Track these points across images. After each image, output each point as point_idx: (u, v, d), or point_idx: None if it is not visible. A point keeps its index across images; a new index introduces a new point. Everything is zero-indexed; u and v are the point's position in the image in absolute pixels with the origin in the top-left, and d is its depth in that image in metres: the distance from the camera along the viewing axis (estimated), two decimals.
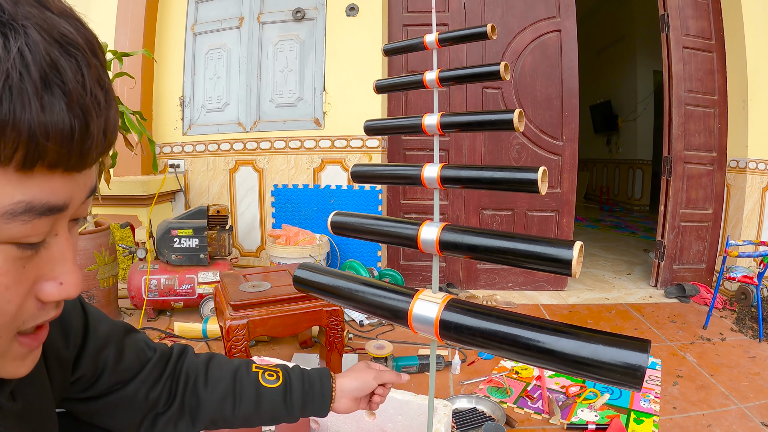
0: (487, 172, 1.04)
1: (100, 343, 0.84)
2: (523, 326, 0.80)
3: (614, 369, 0.70)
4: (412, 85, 1.42)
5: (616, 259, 5.26)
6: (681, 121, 3.97)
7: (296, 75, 3.95)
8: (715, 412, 2.20)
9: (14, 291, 0.47)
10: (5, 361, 0.52)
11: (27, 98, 0.40)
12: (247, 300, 2.07)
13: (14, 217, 0.43)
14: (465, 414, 2.11)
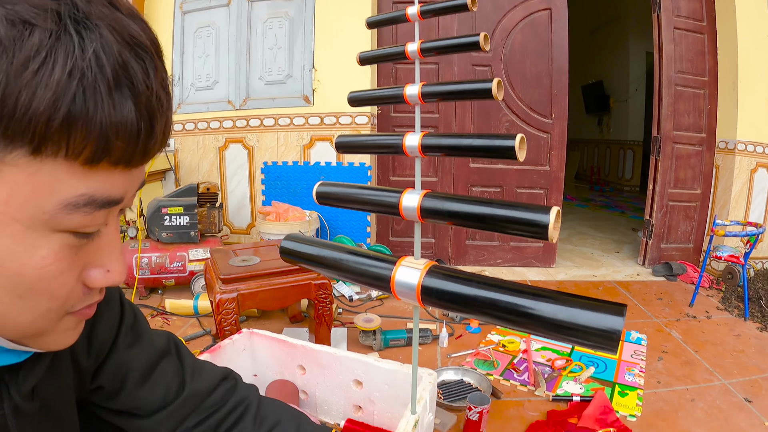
0: (466, 140, 1.06)
1: (123, 363, 0.82)
2: (502, 291, 0.81)
3: (591, 332, 0.71)
4: (394, 57, 1.45)
5: (605, 237, 5.30)
6: (671, 101, 3.99)
7: (285, 52, 3.93)
8: (698, 387, 2.23)
9: (67, 276, 0.50)
10: (56, 334, 0.54)
11: (100, 97, 0.42)
12: (236, 274, 2.09)
13: (77, 209, 0.46)
14: (452, 385, 2.14)
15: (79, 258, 0.51)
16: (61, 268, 0.48)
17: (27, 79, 0.38)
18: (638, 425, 1.93)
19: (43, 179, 0.43)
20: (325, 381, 1.75)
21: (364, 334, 2.48)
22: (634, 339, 2.71)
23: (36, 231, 0.45)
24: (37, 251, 0.46)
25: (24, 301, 0.48)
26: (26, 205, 0.43)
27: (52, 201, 0.44)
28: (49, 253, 0.47)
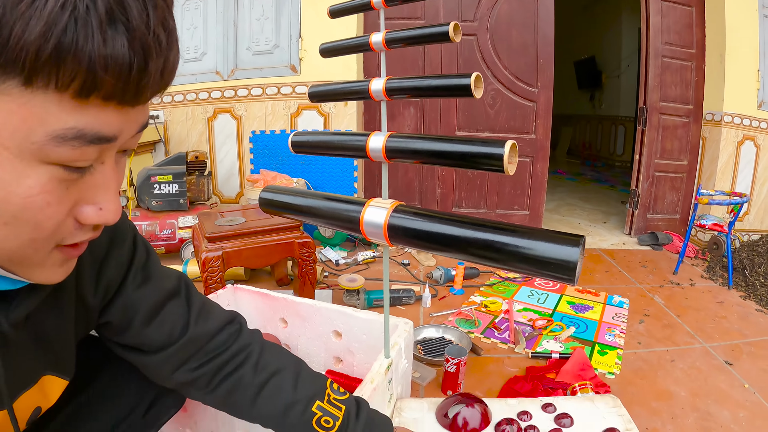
0: (426, 81, 1.06)
1: (131, 302, 0.84)
2: (465, 226, 0.85)
3: (549, 262, 0.74)
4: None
5: (593, 209, 5.35)
6: (657, 72, 4.01)
7: (272, 23, 3.94)
8: (679, 349, 2.28)
9: (55, 209, 0.50)
10: (43, 268, 0.56)
11: (91, 30, 0.42)
12: (221, 233, 2.13)
13: (65, 141, 0.46)
14: (433, 342, 2.19)
15: (70, 193, 0.51)
16: (47, 200, 0.49)
17: (21, 11, 0.39)
18: (616, 382, 1.98)
19: (33, 110, 0.44)
20: (306, 333, 1.79)
21: (348, 294, 2.53)
22: (616, 302, 2.76)
23: (24, 161, 0.46)
24: (24, 180, 0.47)
25: (9, 228, 0.49)
26: (16, 135, 0.44)
27: (41, 132, 0.45)
28: (36, 184, 0.48)
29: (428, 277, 3.01)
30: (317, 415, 0.91)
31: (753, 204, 4.11)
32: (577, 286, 2.97)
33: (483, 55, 3.89)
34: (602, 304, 2.72)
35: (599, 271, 3.34)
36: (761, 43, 3.89)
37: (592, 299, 2.79)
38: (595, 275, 3.26)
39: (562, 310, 2.64)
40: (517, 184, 4.06)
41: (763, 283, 3.03)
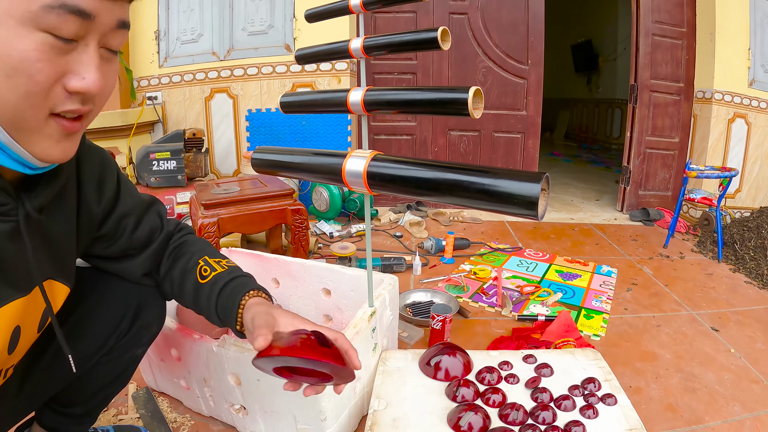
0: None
1: (125, 211, 1.03)
2: (436, 169, 0.92)
3: (512, 197, 0.82)
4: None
5: (586, 188, 5.41)
6: (648, 50, 4.06)
7: (267, 4, 3.99)
8: (665, 315, 2.34)
9: (45, 65, 0.62)
10: (41, 137, 0.68)
11: None
12: (217, 200, 2.21)
13: (52, 9, 0.60)
14: (422, 305, 2.28)
15: (59, 61, 0.64)
16: (39, 56, 0.61)
17: None
18: (601, 344, 2.05)
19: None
20: (297, 292, 1.88)
21: (340, 261, 2.61)
22: (604, 272, 2.82)
23: (25, 26, 0.60)
24: (23, 40, 0.60)
25: (10, 81, 0.61)
26: (20, 6, 0.59)
27: (37, 3, 0.59)
28: (31, 43, 0.60)
29: (419, 247, 3.08)
30: (199, 265, 1.09)
31: (744, 181, 4.16)
32: (566, 257, 3.04)
33: (474, 34, 3.95)
34: (590, 273, 2.78)
35: (589, 243, 3.40)
36: (752, 21, 3.92)
37: (580, 268, 2.85)
38: (585, 247, 3.32)
39: (550, 277, 2.71)
40: (509, 159, 4.13)
41: (752, 256, 3.07)
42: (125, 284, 1.11)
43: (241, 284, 1.04)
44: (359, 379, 1.39)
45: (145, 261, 1.09)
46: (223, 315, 1.03)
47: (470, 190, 0.87)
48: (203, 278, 1.06)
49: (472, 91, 0.93)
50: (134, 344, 1.15)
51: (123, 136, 3.82)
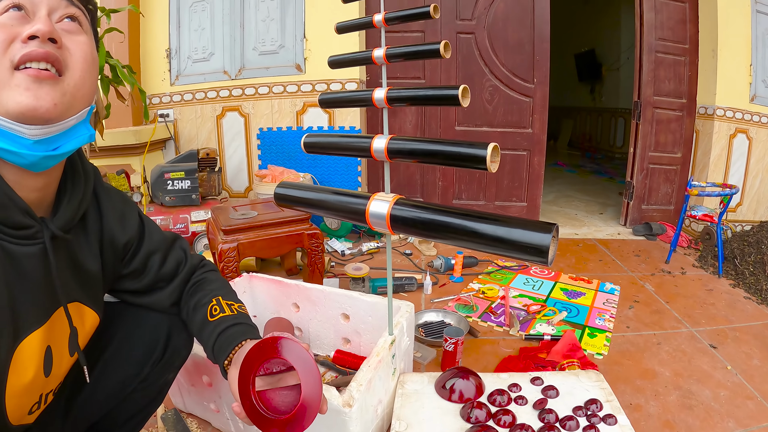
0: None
1: (152, 248, 1.12)
2: (453, 215, 1.00)
3: (525, 246, 0.89)
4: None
5: (590, 200, 5.46)
6: (651, 67, 4.12)
7: (278, 24, 4.07)
8: (665, 333, 2.40)
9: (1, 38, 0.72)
10: (9, 90, 0.73)
11: None
12: (236, 225, 2.29)
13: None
14: (433, 325, 2.36)
15: (11, 29, 0.73)
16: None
17: None
18: (604, 362, 2.12)
19: None
20: (317, 317, 1.96)
21: (354, 282, 2.69)
22: (608, 289, 2.89)
23: None
24: None
25: None
26: None
27: None
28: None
29: (429, 266, 3.16)
30: (212, 303, 1.14)
31: (746, 195, 4.22)
32: (570, 274, 3.11)
33: (481, 53, 4.02)
34: (594, 291, 2.85)
35: (593, 260, 3.46)
36: (753, 37, 3.98)
37: (584, 286, 2.92)
38: (589, 264, 3.38)
39: (555, 296, 2.78)
40: (515, 176, 4.19)
41: (752, 271, 3.11)
42: (155, 314, 1.19)
43: (240, 331, 1.08)
44: (380, 402, 1.47)
45: (172, 292, 1.18)
46: (217, 353, 1.07)
47: (486, 237, 0.94)
48: (212, 316, 1.11)
49: (490, 148, 1.00)
50: (167, 369, 1.23)
51: (136, 153, 3.90)
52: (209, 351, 1.10)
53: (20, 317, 0.81)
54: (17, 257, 0.80)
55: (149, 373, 1.18)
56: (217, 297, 1.16)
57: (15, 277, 0.80)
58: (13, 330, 0.80)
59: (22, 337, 0.82)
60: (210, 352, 1.10)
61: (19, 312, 0.81)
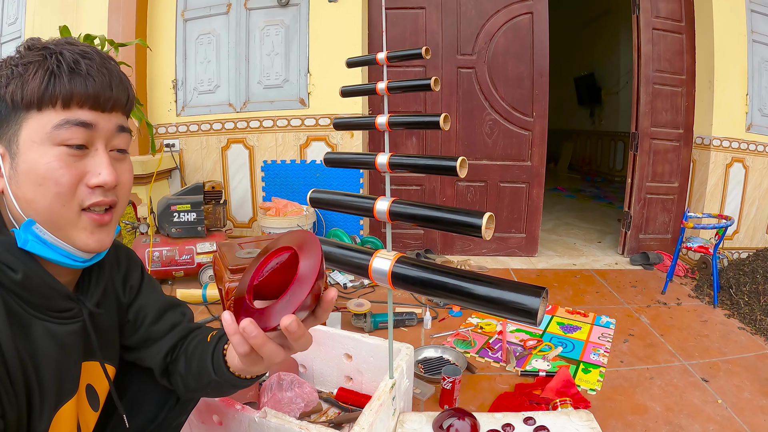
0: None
1: (146, 303, 1.17)
2: (450, 276, 1.07)
3: (516, 308, 0.96)
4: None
5: (589, 228, 5.52)
6: (648, 99, 4.20)
7: (282, 58, 4.18)
8: (659, 367, 2.45)
9: (66, 171, 0.81)
10: (78, 231, 0.86)
11: (63, 79, 0.80)
12: (243, 264, 2.37)
13: (61, 126, 0.81)
14: (432, 361, 2.42)
15: (76, 166, 0.83)
16: (59, 165, 0.81)
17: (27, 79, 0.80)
18: (597, 398, 2.17)
19: (43, 119, 0.80)
20: (321, 355, 2.03)
21: (356, 317, 2.77)
22: (603, 323, 2.94)
23: (44, 145, 0.80)
24: (45, 156, 0.80)
25: (41, 188, 0.81)
26: (38, 133, 0.80)
27: (48, 126, 0.80)
28: (52, 156, 0.80)
29: (429, 300, 3.22)
30: (211, 333, 1.14)
31: (742, 223, 4.27)
32: (567, 307, 3.17)
33: (481, 87, 4.13)
34: (590, 325, 2.91)
35: (590, 292, 3.51)
36: (750, 67, 4.05)
37: (581, 320, 2.98)
38: (586, 296, 3.43)
39: (552, 330, 2.84)
40: (514, 208, 4.27)
41: (747, 301, 3.15)
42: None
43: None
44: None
45: (164, 344, 1.16)
46: (216, 354, 1.05)
47: (480, 298, 1.00)
48: (210, 339, 1.11)
49: (485, 217, 1.08)
50: (181, 413, 1.29)
51: (143, 183, 3.98)
52: (208, 362, 1.05)
53: (62, 390, 0.91)
54: (60, 336, 0.89)
55: (164, 418, 1.25)
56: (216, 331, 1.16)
57: (59, 353, 0.89)
58: (54, 402, 0.89)
59: (60, 407, 0.91)
60: (209, 361, 1.05)
61: (62, 385, 0.90)
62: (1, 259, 0.80)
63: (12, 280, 0.81)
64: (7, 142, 0.82)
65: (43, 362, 0.86)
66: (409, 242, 4.40)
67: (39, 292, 0.85)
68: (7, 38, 5.12)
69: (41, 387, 0.85)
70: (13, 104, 0.80)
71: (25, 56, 0.82)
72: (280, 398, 1.86)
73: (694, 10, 4.15)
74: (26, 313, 0.84)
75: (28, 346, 0.83)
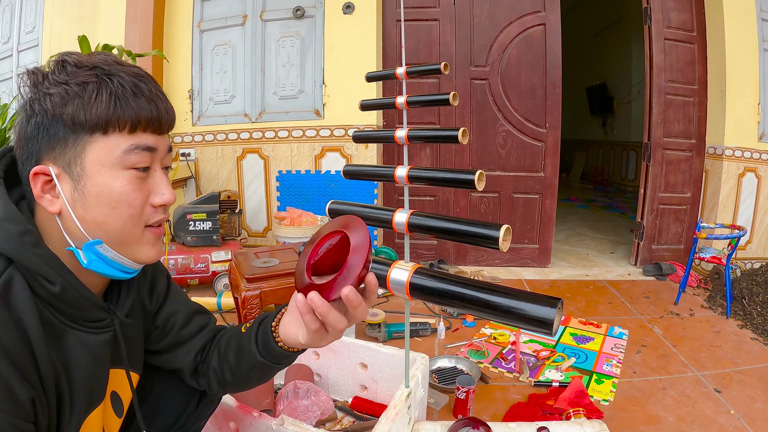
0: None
1: (175, 309, 1.22)
2: (467, 287, 1.10)
3: (531, 318, 0.98)
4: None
5: (602, 238, 5.51)
6: (660, 109, 4.20)
7: (297, 69, 4.24)
8: (671, 378, 2.46)
9: (137, 194, 0.87)
10: (143, 246, 0.92)
11: (127, 102, 0.84)
12: (259, 274, 2.40)
13: (130, 151, 0.85)
14: (446, 371, 2.44)
15: (144, 187, 0.89)
16: (132, 188, 0.86)
17: (92, 105, 0.81)
18: (609, 408, 2.19)
19: (111, 143, 0.84)
20: (336, 364, 2.06)
21: (370, 327, 2.80)
22: (616, 333, 2.95)
23: (115, 169, 0.84)
24: (117, 180, 0.85)
25: (115, 211, 0.86)
26: (107, 157, 0.84)
27: (118, 151, 0.84)
28: (124, 180, 0.85)
29: (443, 311, 3.25)
30: (243, 325, 1.20)
31: (755, 233, 4.24)
32: (580, 318, 3.18)
33: (494, 98, 4.15)
34: (603, 336, 2.92)
35: (603, 302, 3.51)
36: (762, 76, 4.04)
37: (593, 331, 2.99)
38: (599, 307, 3.43)
39: (565, 341, 2.85)
40: (527, 219, 4.28)
41: (759, 312, 3.15)
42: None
43: (274, 312, 1.13)
44: None
45: (195, 344, 1.22)
46: (263, 332, 1.08)
47: (497, 308, 1.03)
48: (245, 330, 1.15)
49: (503, 229, 1.11)
50: (200, 418, 1.33)
51: None
52: (253, 344, 1.09)
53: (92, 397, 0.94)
54: (92, 345, 0.92)
55: (184, 423, 1.28)
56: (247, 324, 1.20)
57: (90, 362, 0.92)
58: (84, 409, 0.92)
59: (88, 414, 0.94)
60: (254, 343, 1.09)
61: (92, 392, 0.94)
62: (40, 272, 0.82)
63: (49, 291, 0.83)
64: (65, 164, 0.83)
65: (75, 370, 0.89)
66: (422, 252, 4.42)
67: (75, 303, 0.88)
68: (25, 46, 5.21)
69: (72, 394, 0.89)
70: (73, 126, 0.82)
71: (76, 74, 0.82)
72: (296, 406, 1.89)
73: (706, 20, 4.15)
74: (60, 323, 0.87)
75: (60, 354, 0.86)
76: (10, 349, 0.75)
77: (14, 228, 0.80)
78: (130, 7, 4.31)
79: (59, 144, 0.82)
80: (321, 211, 4.16)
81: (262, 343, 1.08)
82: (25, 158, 0.85)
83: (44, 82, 0.83)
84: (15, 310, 0.79)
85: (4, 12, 5.48)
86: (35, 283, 0.82)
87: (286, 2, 4.22)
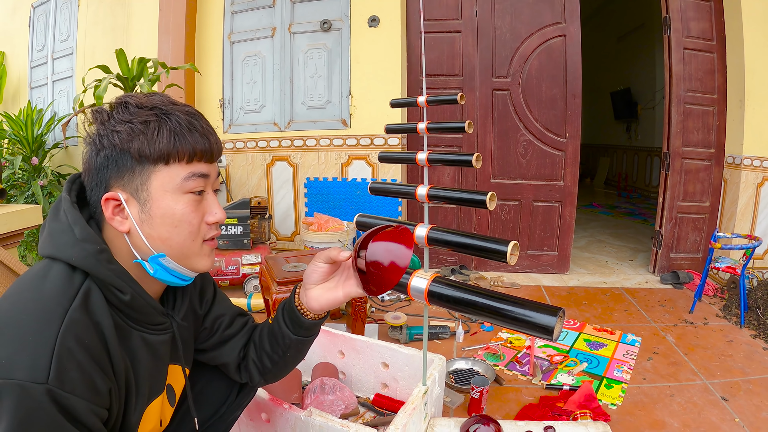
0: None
1: (220, 312, 1.37)
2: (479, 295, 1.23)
3: (534, 325, 1.11)
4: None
5: (622, 245, 5.54)
6: (679, 119, 4.24)
7: (325, 80, 4.40)
8: (680, 385, 2.51)
9: (195, 214, 1.02)
10: (200, 258, 1.06)
11: (184, 137, 0.97)
12: (289, 278, 2.56)
13: (189, 178, 0.99)
14: (463, 372, 2.58)
15: (200, 208, 1.03)
16: (191, 209, 1.01)
17: (155, 140, 0.95)
18: (617, 412, 2.27)
19: (172, 171, 0.97)
20: (359, 363, 2.22)
21: (392, 329, 2.95)
22: (629, 340, 3.02)
23: (176, 194, 0.99)
24: (179, 203, 0.99)
25: (177, 229, 1.00)
26: (169, 184, 0.97)
27: (178, 178, 0.98)
28: (185, 203, 1.00)
29: (462, 315, 3.36)
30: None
31: None
32: (595, 325, 3.27)
33: (515, 108, 4.26)
34: (616, 342, 3.00)
35: (619, 310, 3.57)
36: None
37: (607, 337, 3.07)
38: (614, 314, 3.49)
39: (578, 347, 2.95)
40: (546, 227, 4.37)
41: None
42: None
43: (290, 296, 1.29)
44: None
45: (240, 339, 1.37)
46: (288, 307, 1.26)
47: (504, 315, 1.16)
48: (271, 320, 1.34)
49: (510, 245, 1.25)
50: (237, 408, 1.49)
51: None
52: (284, 326, 1.27)
53: (153, 389, 1.10)
54: (154, 345, 1.08)
55: (224, 412, 1.44)
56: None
57: (152, 359, 1.08)
58: (147, 399, 1.08)
59: (150, 403, 1.10)
60: (284, 325, 1.27)
61: (153, 385, 1.09)
62: (114, 284, 0.96)
63: (121, 300, 0.98)
64: (133, 190, 0.97)
65: (140, 366, 1.04)
66: (444, 258, 4.53)
67: (142, 310, 1.03)
68: (59, 54, 5.42)
69: (138, 386, 1.04)
70: (140, 158, 0.95)
71: (138, 114, 0.95)
72: (322, 401, 2.05)
73: (725, 30, 4.16)
74: (127, 326, 1.02)
75: (128, 353, 1.02)
76: (91, 348, 0.90)
77: (92, 247, 0.94)
78: (163, 18, 4.49)
79: (127, 173, 0.96)
80: (347, 217, 4.32)
81: (291, 322, 1.26)
82: (95, 185, 0.99)
83: (110, 120, 0.96)
84: (94, 316, 0.93)
85: (39, 20, 5.71)
86: (109, 293, 0.97)
87: (313, 15, 4.38)
